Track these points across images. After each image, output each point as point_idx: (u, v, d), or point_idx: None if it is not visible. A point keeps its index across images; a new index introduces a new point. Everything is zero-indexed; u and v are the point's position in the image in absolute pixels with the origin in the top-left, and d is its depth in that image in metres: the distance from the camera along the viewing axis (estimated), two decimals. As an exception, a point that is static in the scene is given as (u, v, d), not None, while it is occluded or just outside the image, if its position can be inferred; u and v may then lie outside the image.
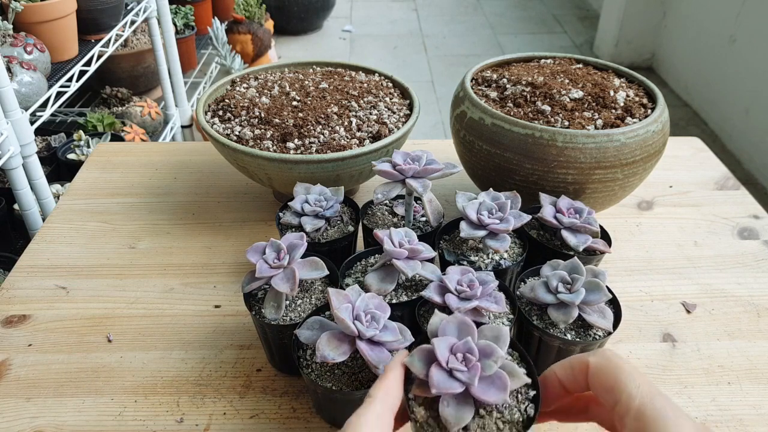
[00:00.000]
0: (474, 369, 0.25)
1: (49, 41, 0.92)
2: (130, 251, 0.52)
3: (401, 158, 0.43)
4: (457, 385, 0.24)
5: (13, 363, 0.41)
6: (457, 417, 0.24)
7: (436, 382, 0.24)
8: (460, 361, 0.25)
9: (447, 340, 0.26)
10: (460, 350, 0.26)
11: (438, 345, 0.25)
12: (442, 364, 0.25)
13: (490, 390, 0.24)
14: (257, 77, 0.58)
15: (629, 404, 0.22)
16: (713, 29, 1.76)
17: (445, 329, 0.27)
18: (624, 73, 0.53)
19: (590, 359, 0.24)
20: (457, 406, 0.24)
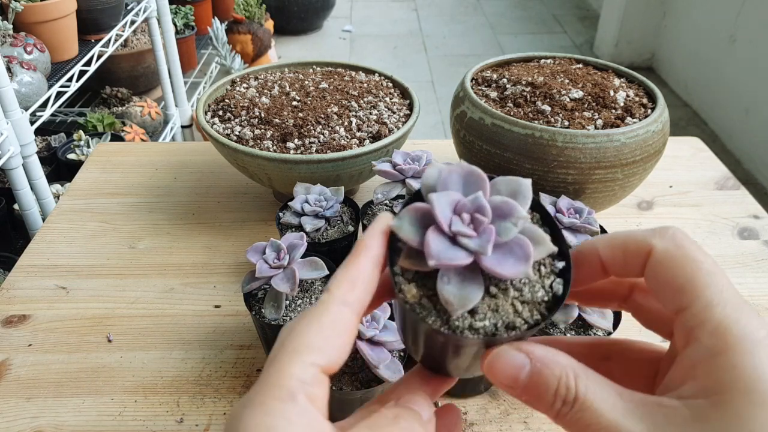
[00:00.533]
0: (486, 233, 0.18)
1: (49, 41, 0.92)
2: (130, 251, 0.52)
3: (401, 158, 0.43)
4: (463, 255, 0.18)
5: (13, 363, 0.41)
6: (461, 297, 0.17)
7: (435, 252, 0.17)
8: (467, 223, 0.18)
9: (449, 195, 0.18)
10: (467, 209, 0.18)
11: (437, 202, 0.18)
12: (442, 227, 0.18)
13: (506, 261, 0.18)
14: (257, 77, 0.58)
15: (706, 315, 0.16)
16: (713, 29, 1.76)
17: (447, 182, 0.19)
18: (624, 73, 0.53)
19: (655, 242, 0.18)
20: (461, 283, 0.18)
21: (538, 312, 0.19)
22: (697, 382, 0.16)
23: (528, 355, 0.17)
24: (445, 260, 0.17)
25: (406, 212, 0.18)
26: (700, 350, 0.16)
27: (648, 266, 0.18)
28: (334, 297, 0.17)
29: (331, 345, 0.16)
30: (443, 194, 0.18)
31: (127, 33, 1.08)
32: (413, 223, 0.18)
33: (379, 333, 0.32)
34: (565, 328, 0.36)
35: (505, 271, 0.18)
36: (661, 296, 0.18)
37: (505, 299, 0.18)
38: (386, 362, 0.32)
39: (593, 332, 0.36)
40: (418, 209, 0.18)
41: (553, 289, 0.19)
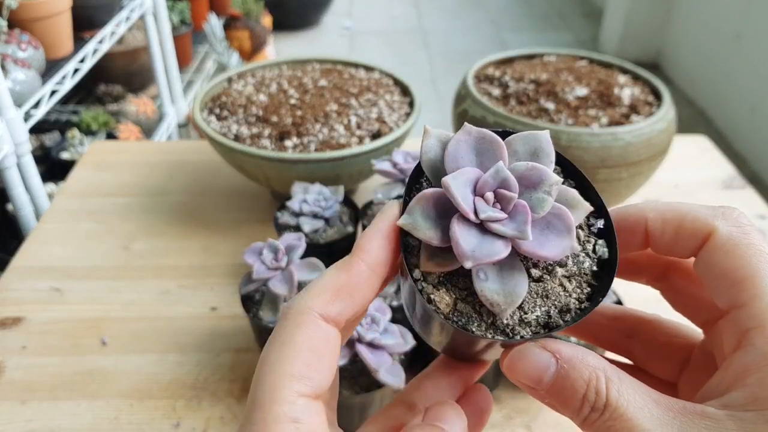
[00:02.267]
0: (520, 213, 0.15)
1: (44, 38, 0.91)
2: (124, 252, 0.51)
3: (401, 157, 0.42)
4: (501, 246, 0.15)
5: (7, 365, 0.40)
6: (506, 294, 0.15)
7: (468, 250, 0.14)
8: (493, 203, 0.15)
9: (465, 174, 0.15)
10: (489, 186, 0.15)
11: (454, 185, 0.15)
12: (468, 215, 0.15)
13: (547, 240, 0.15)
14: (254, 74, 0.57)
15: (765, 317, 0.14)
16: (719, 26, 1.75)
17: (457, 156, 0.16)
18: (629, 70, 0.52)
19: (719, 224, 0.15)
20: (501, 276, 0.15)
21: (587, 282, 0.16)
22: (747, 391, 0.14)
23: (554, 355, 0.15)
24: (483, 257, 0.14)
25: (415, 205, 0.15)
26: (755, 355, 0.14)
27: (705, 250, 0.16)
28: (308, 308, 0.15)
29: (315, 369, 0.14)
30: (459, 174, 0.15)
31: (122, 30, 1.07)
32: (427, 216, 0.15)
33: (379, 336, 0.32)
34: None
35: (550, 252, 0.15)
36: (713, 286, 0.16)
37: (551, 280, 0.16)
38: (386, 366, 0.32)
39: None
40: (429, 197, 0.15)
41: (597, 253, 0.16)
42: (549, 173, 0.15)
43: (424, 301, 0.15)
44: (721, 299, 0.16)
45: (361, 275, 0.15)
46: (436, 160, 0.16)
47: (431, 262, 0.15)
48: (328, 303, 0.15)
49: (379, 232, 0.15)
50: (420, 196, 0.15)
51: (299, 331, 0.14)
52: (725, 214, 0.16)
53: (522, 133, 0.17)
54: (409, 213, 0.15)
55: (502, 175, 0.15)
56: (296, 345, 0.14)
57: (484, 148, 0.16)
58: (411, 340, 0.33)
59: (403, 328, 0.33)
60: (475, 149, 0.16)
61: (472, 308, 0.15)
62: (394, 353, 0.33)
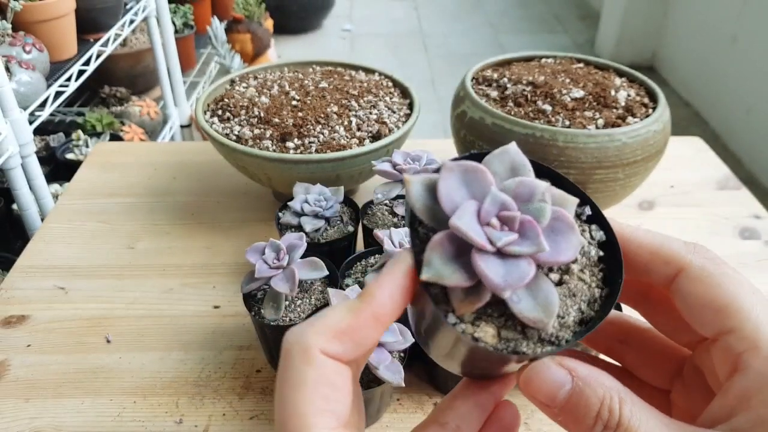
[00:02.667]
0: (529, 228, 0.15)
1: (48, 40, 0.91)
2: (129, 251, 0.51)
3: (401, 158, 0.42)
4: (526, 265, 0.15)
5: (12, 363, 0.41)
6: (544, 307, 0.15)
7: (502, 281, 0.14)
8: (501, 227, 0.15)
9: (467, 209, 0.15)
10: (491, 213, 0.16)
11: (464, 225, 0.15)
12: (485, 247, 0.15)
13: (559, 244, 0.15)
14: (256, 77, 0.58)
15: (758, 338, 0.15)
16: (715, 28, 1.76)
17: (450, 194, 0.16)
18: (625, 73, 0.53)
19: (691, 258, 0.16)
20: (532, 293, 0.15)
21: (599, 270, 0.17)
22: (753, 413, 0.14)
23: (570, 372, 0.15)
24: (516, 283, 0.15)
25: (431, 254, 0.15)
26: (754, 377, 0.15)
27: (681, 282, 0.16)
28: (311, 345, 0.14)
29: (334, 399, 0.14)
30: (462, 212, 0.15)
31: (126, 32, 1.08)
32: (446, 261, 0.15)
33: (379, 334, 0.32)
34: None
35: (566, 255, 0.15)
36: (694, 316, 0.16)
37: (571, 278, 0.16)
38: (386, 363, 0.32)
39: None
40: (441, 242, 0.15)
41: (596, 238, 0.17)
42: (537, 183, 0.16)
43: (468, 340, 0.15)
44: (706, 328, 0.16)
45: (366, 322, 0.15)
46: (428, 204, 0.16)
47: (465, 303, 0.15)
48: (329, 342, 0.15)
49: (391, 282, 0.15)
50: (432, 244, 0.15)
51: (309, 368, 0.14)
52: (697, 249, 0.17)
53: (494, 151, 0.17)
54: (428, 265, 0.15)
55: (500, 199, 0.16)
56: (310, 383, 0.14)
57: (470, 179, 0.16)
58: (410, 338, 0.34)
59: (401, 326, 0.34)
60: (463, 182, 0.16)
61: (516, 331, 0.16)
62: (393, 350, 0.33)
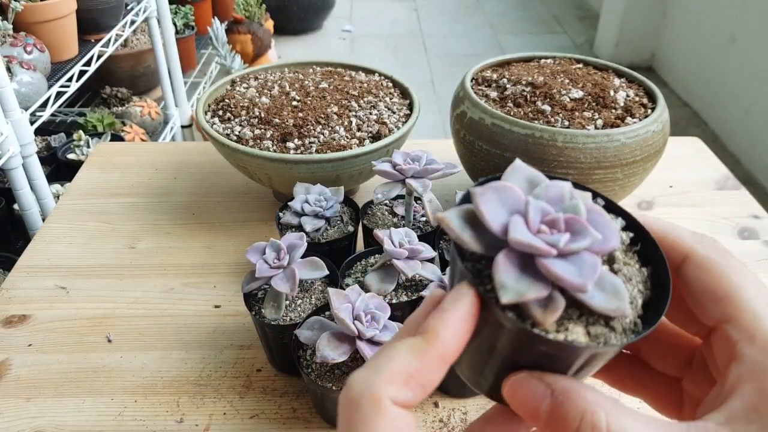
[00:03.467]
0: (576, 224, 0.16)
1: (49, 41, 0.92)
2: (130, 251, 0.52)
3: (401, 158, 0.43)
4: (590, 258, 0.15)
5: (13, 363, 0.41)
6: (617, 294, 0.15)
7: (576, 277, 0.15)
8: (550, 231, 0.16)
9: (517, 222, 0.16)
10: (537, 220, 0.16)
11: (521, 234, 0.15)
12: (550, 252, 0.15)
13: (604, 232, 0.16)
14: (257, 77, 0.58)
15: (755, 327, 0.15)
16: (713, 29, 1.76)
17: (492, 212, 0.16)
18: (624, 73, 0.53)
19: (697, 247, 0.17)
20: (600, 285, 0.16)
21: (634, 253, 0.17)
22: (746, 399, 0.15)
23: (550, 386, 0.16)
24: (592, 275, 0.15)
25: (502, 276, 0.15)
26: (748, 365, 0.15)
27: (687, 270, 0.17)
28: (381, 396, 0.14)
29: None
30: (515, 225, 0.15)
31: (127, 33, 1.08)
32: (518, 278, 0.15)
33: (379, 333, 0.32)
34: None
35: (614, 241, 0.16)
36: (699, 303, 0.17)
37: (619, 265, 0.17)
38: (386, 362, 0.32)
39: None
40: (505, 262, 0.15)
41: (619, 225, 0.18)
42: (562, 184, 0.16)
43: (562, 343, 0.15)
44: (708, 315, 0.17)
45: (433, 364, 0.15)
46: (474, 232, 0.16)
47: (548, 313, 0.15)
48: (399, 390, 0.14)
49: (456, 319, 0.15)
50: (498, 267, 0.15)
51: (381, 420, 0.14)
52: (705, 239, 0.17)
53: (506, 171, 0.17)
54: (503, 288, 0.15)
55: (540, 206, 0.16)
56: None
57: (504, 197, 0.16)
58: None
59: (401, 326, 0.34)
60: (498, 201, 0.16)
61: (601, 325, 0.16)
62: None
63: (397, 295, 0.38)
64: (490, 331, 0.16)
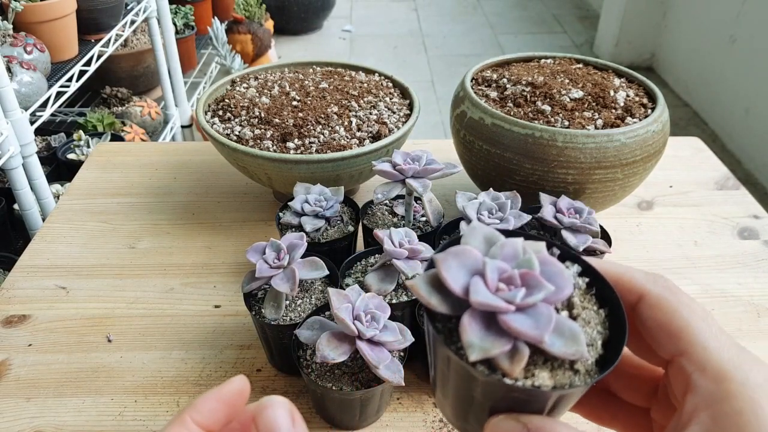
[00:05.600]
0: (530, 278, 0.17)
1: (49, 41, 0.92)
2: (129, 251, 0.52)
3: (401, 158, 0.43)
4: (546, 310, 0.16)
5: (13, 363, 0.41)
6: (574, 338, 0.16)
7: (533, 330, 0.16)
8: (508, 288, 0.17)
9: (477, 284, 0.17)
10: (494, 279, 0.17)
11: (480, 296, 0.16)
12: (508, 309, 0.16)
13: (557, 281, 0.17)
14: (257, 77, 0.58)
15: (705, 360, 0.16)
16: (713, 29, 1.76)
17: (453, 276, 0.17)
18: (624, 73, 0.53)
19: (649, 287, 0.18)
20: (559, 332, 0.17)
21: (592, 296, 0.19)
22: (702, 428, 0.16)
23: (525, 425, 0.17)
24: (547, 326, 0.16)
25: (468, 336, 0.16)
26: (702, 395, 0.16)
27: (642, 309, 0.18)
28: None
29: None
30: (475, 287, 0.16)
31: (127, 33, 1.08)
32: (483, 336, 0.16)
33: (379, 333, 0.32)
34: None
35: (567, 289, 0.17)
36: (655, 339, 0.18)
37: (577, 310, 0.18)
38: (386, 362, 0.32)
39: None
40: (469, 322, 0.16)
41: (575, 271, 0.19)
42: (515, 241, 0.18)
43: (530, 390, 0.16)
44: (663, 350, 0.18)
45: None
46: (440, 296, 0.17)
47: (514, 364, 0.16)
48: None
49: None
50: (463, 327, 0.16)
51: None
52: (656, 279, 0.19)
53: (464, 232, 0.18)
54: (471, 347, 0.16)
55: (496, 265, 0.17)
56: None
57: (463, 260, 0.17)
58: (410, 337, 0.34)
59: (401, 326, 0.34)
60: (459, 265, 0.17)
61: (565, 368, 0.17)
62: (393, 350, 0.34)
63: (397, 295, 0.38)
64: (467, 384, 0.17)
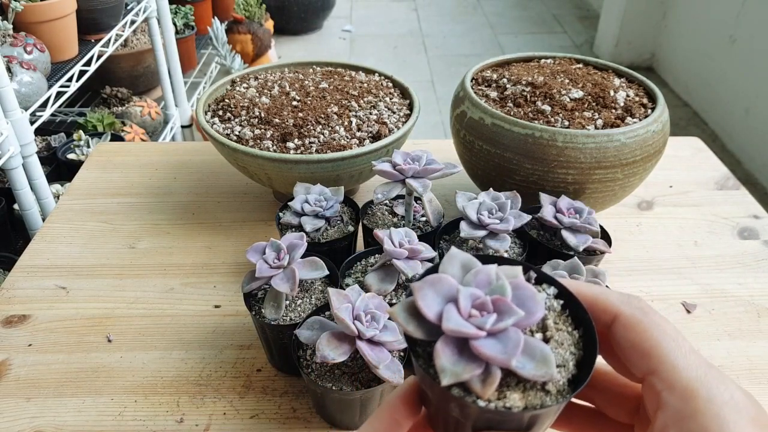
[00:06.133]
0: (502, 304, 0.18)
1: (49, 41, 0.92)
2: (129, 251, 0.52)
3: (401, 158, 0.43)
4: (515, 334, 0.17)
5: (13, 363, 0.41)
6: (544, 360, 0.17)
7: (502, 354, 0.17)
8: (480, 314, 0.18)
9: (450, 311, 0.18)
10: (467, 306, 0.18)
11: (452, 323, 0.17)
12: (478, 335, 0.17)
13: (529, 306, 0.18)
14: (257, 77, 0.58)
15: (674, 378, 0.17)
16: (713, 29, 1.76)
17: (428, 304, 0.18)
18: (624, 73, 0.53)
19: (623, 308, 0.19)
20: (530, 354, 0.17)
21: (567, 317, 0.19)
22: None
23: None
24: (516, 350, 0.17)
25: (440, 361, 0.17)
26: (670, 413, 0.17)
27: (616, 329, 0.19)
28: None
29: None
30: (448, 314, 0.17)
31: (127, 33, 1.08)
32: (455, 361, 0.17)
33: (379, 333, 0.33)
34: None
35: (538, 313, 0.18)
36: (629, 359, 0.19)
37: (551, 332, 0.19)
38: (386, 362, 0.32)
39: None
40: (443, 348, 0.17)
41: (551, 293, 0.20)
42: (488, 268, 0.18)
43: (502, 411, 0.17)
44: (637, 369, 0.19)
45: None
46: (417, 323, 0.18)
47: (486, 387, 0.17)
48: None
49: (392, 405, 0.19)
50: (437, 353, 0.17)
51: None
52: (630, 299, 0.19)
53: (443, 259, 0.19)
54: (443, 372, 0.17)
55: (468, 293, 0.18)
56: None
57: (438, 288, 0.18)
58: (410, 336, 0.34)
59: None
60: (434, 293, 0.18)
61: (537, 389, 0.18)
62: (393, 350, 0.34)
63: (397, 295, 0.38)
64: (446, 405, 0.18)
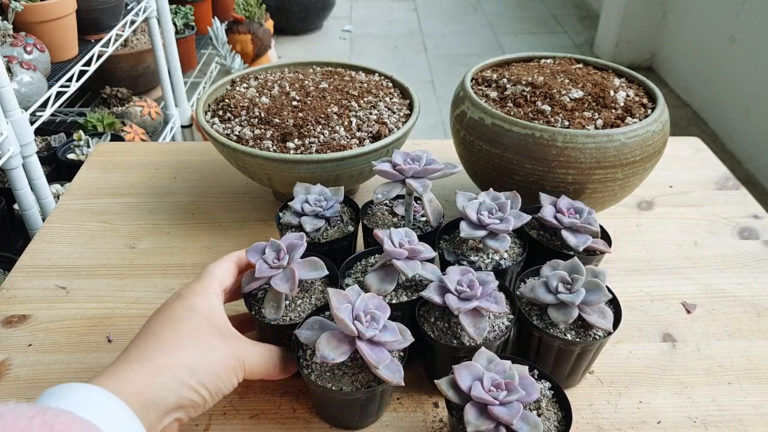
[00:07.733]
0: (512, 387, 0.30)
1: (49, 41, 0.92)
2: (130, 251, 0.52)
3: (401, 158, 0.43)
4: (515, 406, 0.30)
5: (13, 363, 0.41)
6: (536, 427, 0.29)
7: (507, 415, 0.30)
8: (504, 388, 0.30)
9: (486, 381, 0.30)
10: (495, 382, 0.30)
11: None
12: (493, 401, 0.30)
13: (529, 391, 0.30)
14: (257, 77, 0.58)
15: None
16: (713, 29, 1.76)
17: (464, 378, 0.31)
18: (624, 73, 0.53)
19: None
20: (526, 422, 0.30)
21: (555, 403, 0.32)
22: None
23: None
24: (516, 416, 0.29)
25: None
26: None
27: None
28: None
29: None
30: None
31: (127, 33, 1.08)
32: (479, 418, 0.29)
33: (379, 333, 0.32)
34: (566, 328, 0.36)
35: (534, 396, 0.30)
36: None
37: (542, 411, 0.32)
38: (386, 362, 0.32)
39: (593, 332, 0.36)
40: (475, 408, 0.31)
41: (546, 388, 0.33)
42: (506, 363, 0.33)
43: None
44: None
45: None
46: (456, 392, 0.32)
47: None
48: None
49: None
50: (468, 411, 0.30)
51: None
52: None
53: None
54: (470, 424, 0.30)
55: (489, 376, 0.32)
56: None
57: (472, 371, 0.33)
58: (409, 337, 0.34)
59: (401, 326, 0.34)
60: (468, 374, 0.32)
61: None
62: (393, 350, 0.34)
63: (397, 295, 0.38)
64: None
